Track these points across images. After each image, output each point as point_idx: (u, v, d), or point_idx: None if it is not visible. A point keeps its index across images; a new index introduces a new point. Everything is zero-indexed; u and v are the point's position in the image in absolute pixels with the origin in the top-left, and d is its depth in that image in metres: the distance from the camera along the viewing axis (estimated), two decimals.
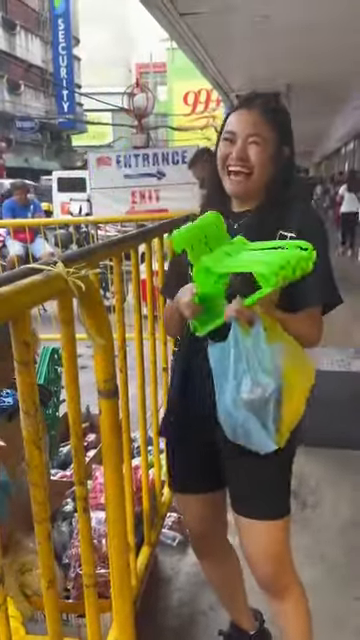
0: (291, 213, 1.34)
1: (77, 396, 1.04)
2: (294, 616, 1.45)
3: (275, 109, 1.34)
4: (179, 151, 4.96)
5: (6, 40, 23.45)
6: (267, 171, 1.32)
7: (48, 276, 0.85)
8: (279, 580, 1.42)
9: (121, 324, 1.52)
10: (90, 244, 5.72)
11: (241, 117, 1.31)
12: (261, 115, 1.31)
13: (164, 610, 1.88)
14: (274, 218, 1.33)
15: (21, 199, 6.13)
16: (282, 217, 1.33)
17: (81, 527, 1.07)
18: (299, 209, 1.36)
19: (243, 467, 1.34)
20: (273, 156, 1.31)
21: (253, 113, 1.30)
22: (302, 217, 1.33)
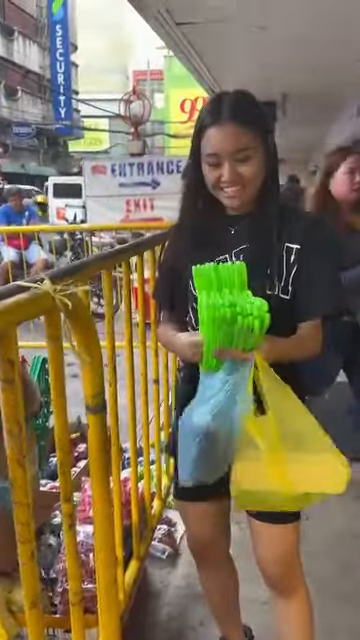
0: (296, 223, 1.30)
1: (64, 410, 1.03)
2: (298, 616, 1.46)
3: (245, 108, 1.25)
4: (174, 160, 4.98)
5: (4, 46, 23.50)
6: (259, 179, 1.28)
7: (35, 294, 0.85)
8: (287, 581, 1.44)
9: (111, 337, 1.51)
10: (84, 251, 5.72)
11: (218, 136, 1.22)
12: (236, 125, 1.22)
13: (153, 625, 1.86)
14: (275, 223, 1.28)
15: (16, 205, 6.14)
16: (286, 225, 1.28)
17: (67, 544, 1.07)
18: (305, 219, 1.34)
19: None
20: (263, 159, 1.26)
21: (228, 127, 1.21)
22: (308, 228, 1.30)
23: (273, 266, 1.26)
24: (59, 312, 0.94)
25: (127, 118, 10.92)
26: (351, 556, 2.17)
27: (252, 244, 1.29)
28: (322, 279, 1.27)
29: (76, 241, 5.86)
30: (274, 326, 1.17)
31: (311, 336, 1.30)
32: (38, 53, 26.50)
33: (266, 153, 1.27)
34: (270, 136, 1.29)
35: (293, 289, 1.27)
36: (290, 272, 1.27)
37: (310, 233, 1.28)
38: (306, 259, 1.27)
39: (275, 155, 1.30)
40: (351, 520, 2.39)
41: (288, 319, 1.28)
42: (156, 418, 2.46)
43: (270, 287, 1.25)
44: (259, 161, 1.25)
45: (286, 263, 1.27)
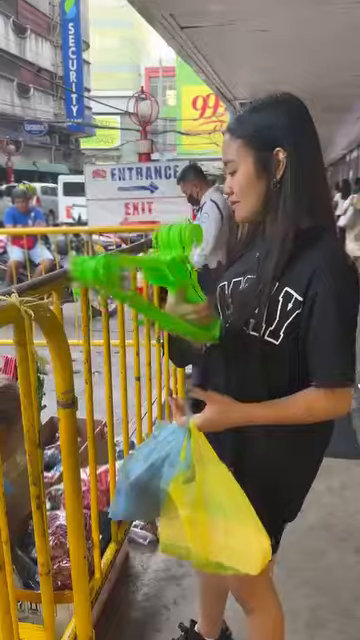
0: (305, 263, 1.13)
1: (33, 407, 1.18)
2: (256, 633, 1.50)
3: (243, 118, 1.20)
4: (171, 165, 5.15)
5: (17, 44, 23.73)
6: (254, 192, 1.19)
7: (1, 307, 1.00)
8: (247, 600, 1.47)
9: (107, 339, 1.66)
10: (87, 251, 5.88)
11: (223, 144, 1.23)
12: (228, 134, 1.20)
13: (130, 603, 2.02)
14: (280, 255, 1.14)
15: (22, 207, 6.33)
16: (295, 262, 1.14)
17: (35, 522, 1.22)
18: (315, 260, 1.12)
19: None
20: (253, 175, 1.17)
21: (225, 136, 1.20)
22: (315, 276, 1.11)
23: (262, 307, 1.16)
24: (28, 321, 1.09)
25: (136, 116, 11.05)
26: (319, 545, 2.32)
27: (255, 276, 1.21)
28: (326, 347, 1.12)
29: (80, 241, 6.03)
30: (255, 371, 1.18)
31: (319, 405, 1.15)
32: (50, 51, 26.70)
33: (260, 167, 1.17)
34: (273, 153, 1.16)
35: (285, 337, 1.15)
36: (285, 319, 1.14)
37: (316, 284, 1.11)
38: (307, 317, 1.12)
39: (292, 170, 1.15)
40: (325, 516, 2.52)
41: (275, 365, 1.18)
42: (149, 414, 2.61)
43: (254, 327, 1.17)
44: (247, 174, 1.18)
45: (282, 308, 1.14)
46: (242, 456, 1.27)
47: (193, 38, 6.15)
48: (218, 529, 1.16)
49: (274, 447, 1.24)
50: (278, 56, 6.72)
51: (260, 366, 1.20)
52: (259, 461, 1.27)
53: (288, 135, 1.16)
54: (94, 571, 1.75)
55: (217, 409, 1.18)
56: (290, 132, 1.16)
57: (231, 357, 1.25)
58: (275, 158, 1.16)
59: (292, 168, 1.16)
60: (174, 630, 1.85)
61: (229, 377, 1.26)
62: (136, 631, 1.90)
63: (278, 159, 1.16)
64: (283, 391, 1.18)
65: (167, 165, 5.22)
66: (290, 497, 1.33)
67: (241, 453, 1.27)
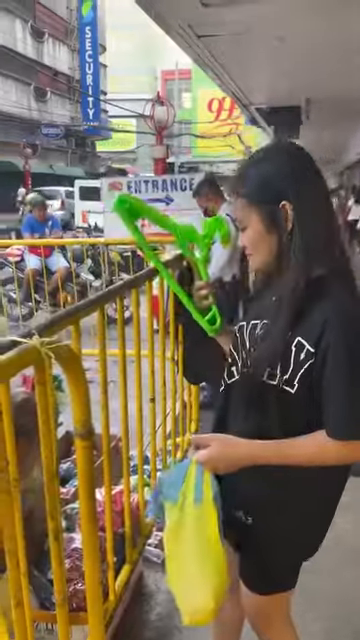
0: (317, 314, 1.13)
1: (51, 443, 1.21)
2: None
3: (243, 177, 1.23)
4: (187, 178, 5.18)
5: (34, 48, 23.95)
6: (265, 246, 1.22)
7: (22, 351, 1.03)
8: (264, 632, 1.48)
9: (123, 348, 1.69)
10: (103, 260, 5.94)
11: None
12: (234, 195, 1.25)
13: (144, 623, 2.05)
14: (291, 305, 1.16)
15: (40, 215, 6.41)
16: (306, 313, 1.15)
17: (53, 552, 1.25)
18: (326, 310, 1.12)
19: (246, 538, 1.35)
20: (262, 230, 1.20)
21: (231, 197, 1.28)
22: (327, 328, 1.11)
23: (276, 357, 1.17)
24: (46, 361, 1.12)
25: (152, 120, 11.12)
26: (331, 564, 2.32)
27: (268, 325, 1.24)
28: (336, 399, 1.12)
29: (95, 250, 6.09)
30: (272, 417, 1.20)
31: (332, 450, 1.13)
32: (67, 54, 26.92)
33: (268, 222, 1.19)
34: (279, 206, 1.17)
35: (300, 385, 1.15)
36: (298, 369, 1.15)
37: (328, 335, 1.11)
38: (319, 367, 1.13)
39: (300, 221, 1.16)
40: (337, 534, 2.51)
41: (292, 412, 1.19)
42: (163, 426, 2.64)
43: (270, 376, 1.18)
44: (256, 231, 1.21)
45: (295, 358, 1.15)
46: (251, 498, 1.28)
47: (210, 46, 6.17)
48: (183, 561, 1.20)
49: (283, 488, 1.25)
50: (294, 63, 6.72)
51: (277, 414, 1.20)
52: (269, 503, 1.28)
53: (292, 187, 1.16)
54: (108, 593, 1.77)
55: (220, 443, 1.20)
56: (294, 183, 1.17)
57: (249, 401, 1.27)
58: (282, 211, 1.17)
59: (300, 219, 1.17)
60: None
61: (246, 420, 1.27)
62: None
63: (285, 211, 1.17)
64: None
65: (183, 178, 5.25)
66: (305, 539, 1.34)
67: (250, 495, 1.28)
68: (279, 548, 1.29)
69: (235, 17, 4.76)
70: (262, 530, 1.26)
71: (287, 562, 1.34)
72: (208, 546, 1.17)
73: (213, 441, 1.20)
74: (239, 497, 1.27)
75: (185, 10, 4.59)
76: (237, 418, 1.30)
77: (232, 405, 1.33)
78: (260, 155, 1.24)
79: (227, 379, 1.36)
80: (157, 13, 4.82)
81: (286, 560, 1.33)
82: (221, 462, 1.18)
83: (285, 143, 1.25)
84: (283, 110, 9.78)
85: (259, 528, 1.27)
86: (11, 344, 1.07)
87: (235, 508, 1.27)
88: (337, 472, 1.27)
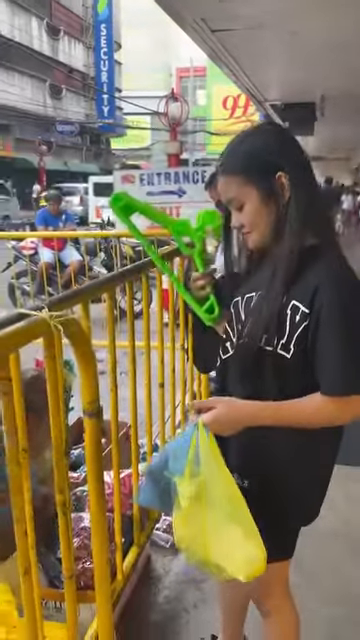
0: (311, 276, 1.17)
1: (60, 418, 1.23)
2: (274, 633, 1.53)
3: (233, 156, 1.24)
4: (199, 170, 5.17)
5: (50, 45, 24.11)
6: (264, 220, 1.24)
7: (31, 322, 1.05)
8: (262, 603, 1.52)
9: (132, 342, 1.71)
10: (115, 253, 5.97)
11: (219, 187, 1.28)
12: (224, 176, 1.25)
13: (151, 605, 2.06)
14: (286, 271, 1.20)
15: (54, 209, 6.47)
16: (301, 276, 1.18)
17: (61, 528, 1.27)
18: (319, 273, 1.17)
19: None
20: (261, 204, 1.22)
21: (220, 179, 1.26)
22: (320, 289, 1.15)
23: (272, 322, 1.20)
24: (56, 335, 1.14)
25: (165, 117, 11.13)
26: (336, 554, 2.32)
27: (262, 293, 1.26)
28: (331, 356, 1.15)
29: (108, 243, 6.12)
30: (269, 382, 1.23)
31: (327, 409, 1.17)
32: (83, 52, 27.05)
33: (265, 195, 1.21)
34: (274, 178, 1.20)
35: (296, 349, 1.19)
36: (294, 332, 1.18)
37: (321, 296, 1.15)
38: (313, 328, 1.16)
39: (295, 191, 1.20)
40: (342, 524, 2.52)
41: (290, 378, 1.22)
42: (172, 416, 2.66)
43: (267, 341, 1.21)
44: (255, 206, 1.23)
45: (290, 321, 1.18)
46: (246, 461, 1.31)
47: (224, 41, 6.17)
48: (213, 528, 1.19)
49: (277, 451, 1.28)
50: (309, 58, 6.70)
51: (274, 379, 1.24)
52: (263, 465, 1.30)
53: (283, 158, 1.21)
54: (116, 573, 1.79)
55: (224, 406, 1.22)
56: (284, 155, 1.21)
57: (246, 371, 1.29)
58: (278, 182, 1.20)
59: (295, 189, 1.20)
60: (193, 634, 1.89)
61: (245, 390, 1.29)
62: (156, 633, 1.94)
63: (281, 182, 1.20)
64: None
65: (195, 170, 5.25)
66: (298, 503, 1.35)
67: (245, 458, 1.31)
68: (276, 512, 1.30)
69: (249, 11, 4.75)
70: (258, 493, 1.28)
71: (284, 527, 1.36)
72: (239, 503, 1.17)
73: (217, 403, 1.23)
74: (234, 460, 1.30)
75: (200, 4, 4.59)
76: (235, 389, 1.32)
77: (229, 378, 1.36)
78: (245, 134, 1.26)
79: (222, 355, 1.38)
80: (172, 7, 4.83)
81: (283, 524, 1.35)
82: (226, 423, 1.21)
83: (265, 122, 1.31)
84: (297, 106, 9.74)
85: (255, 491, 1.28)
86: (20, 316, 1.09)
87: (231, 471, 1.27)
88: (333, 433, 1.29)
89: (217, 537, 1.19)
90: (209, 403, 1.24)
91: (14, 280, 6.07)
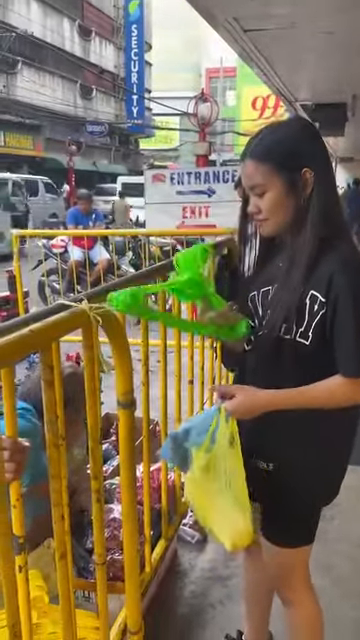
0: (325, 266, 1.23)
1: (96, 407, 1.26)
2: (299, 627, 1.56)
3: (265, 144, 1.27)
4: (229, 170, 5.19)
5: (81, 46, 24.36)
6: (283, 211, 1.28)
7: (72, 313, 1.07)
8: (284, 593, 1.55)
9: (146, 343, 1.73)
10: (143, 252, 6.01)
11: (242, 171, 1.32)
12: (253, 161, 1.27)
13: (178, 599, 2.08)
14: (305, 262, 1.25)
15: (85, 208, 6.57)
16: (318, 267, 1.24)
17: (94, 514, 1.30)
18: (333, 263, 1.23)
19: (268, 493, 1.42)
20: (282, 195, 1.27)
21: (247, 163, 1.29)
22: (334, 277, 1.21)
23: (292, 312, 1.25)
24: (94, 326, 1.17)
25: (195, 117, 11.15)
26: None
27: (280, 284, 1.31)
28: (347, 340, 1.22)
29: (137, 242, 6.17)
30: (287, 370, 1.30)
31: (341, 390, 1.24)
32: (113, 53, 27.26)
33: (289, 187, 1.26)
34: (300, 173, 1.25)
35: (314, 337, 1.25)
36: (312, 320, 1.24)
37: (336, 284, 1.21)
38: (331, 315, 1.22)
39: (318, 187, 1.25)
40: None
41: (308, 364, 1.27)
42: (200, 412, 2.67)
43: (286, 330, 1.27)
44: (277, 195, 1.27)
45: (309, 310, 1.25)
46: (269, 445, 1.37)
47: (256, 41, 6.14)
48: (213, 497, 1.33)
49: (298, 432, 1.34)
50: (343, 58, 6.62)
51: (293, 367, 1.29)
52: (285, 448, 1.36)
53: (312, 155, 1.27)
54: (145, 565, 1.82)
55: (245, 394, 1.29)
56: (313, 152, 1.27)
57: (266, 361, 1.35)
58: (303, 178, 1.26)
59: (318, 185, 1.26)
60: (219, 629, 1.90)
61: (264, 379, 1.34)
62: (182, 626, 1.96)
63: (306, 178, 1.26)
64: None
65: (225, 169, 5.27)
66: (322, 482, 1.40)
67: (267, 442, 1.37)
68: (300, 492, 1.37)
69: (282, 11, 4.73)
70: (283, 475, 1.35)
71: (308, 506, 1.42)
72: (239, 481, 1.29)
73: (238, 391, 1.30)
74: (258, 446, 1.36)
75: (232, 3, 4.59)
76: (255, 379, 1.37)
77: (248, 369, 1.42)
78: (277, 125, 1.31)
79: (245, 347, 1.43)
80: (204, 7, 4.84)
81: (307, 504, 1.41)
82: (247, 410, 1.29)
83: (296, 116, 1.37)
84: (328, 107, 9.65)
85: (280, 473, 1.36)
86: (61, 307, 1.12)
87: (255, 458, 1.37)
88: (350, 413, 1.34)
89: (216, 506, 1.33)
90: (232, 390, 1.32)
91: (44, 278, 6.16)
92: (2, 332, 0.97)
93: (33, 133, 21.29)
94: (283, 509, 1.42)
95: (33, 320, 1.03)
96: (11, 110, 19.79)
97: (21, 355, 1.00)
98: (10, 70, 19.74)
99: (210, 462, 1.31)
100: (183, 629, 1.95)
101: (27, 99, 20.24)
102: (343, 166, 22.11)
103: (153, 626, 1.90)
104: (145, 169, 6.41)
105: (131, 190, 15.21)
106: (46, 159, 21.51)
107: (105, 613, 1.37)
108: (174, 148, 32.78)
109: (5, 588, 1.00)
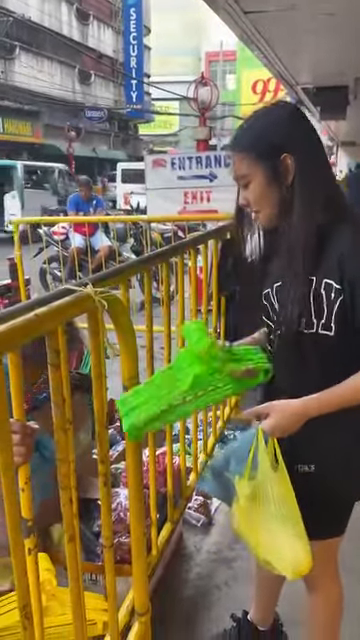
0: (333, 251, 1.20)
1: (102, 390, 1.26)
2: (318, 612, 1.55)
3: (246, 133, 1.26)
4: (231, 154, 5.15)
5: (79, 31, 24.07)
6: (269, 200, 1.26)
7: (78, 297, 1.07)
8: (310, 581, 1.52)
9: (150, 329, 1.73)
10: (145, 238, 5.99)
11: (233, 163, 1.30)
12: (235, 152, 1.27)
13: (184, 581, 2.11)
14: (307, 251, 1.21)
15: (85, 195, 6.54)
16: (325, 253, 1.21)
17: (102, 498, 1.31)
18: (340, 247, 1.20)
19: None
20: (264, 184, 1.24)
21: (232, 156, 1.28)
22: (343, 260, 1.18)
23: (306, 305, 1.22)
24: (99, 311, 1.16)
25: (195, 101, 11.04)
26: None
27: (286, 279, 1.27)
28: None
29: (138, 229, 6.14)
30: (313, 366, 1.26)
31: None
32: (112, 37, 26.93)
33: (270, 175, 1.23)
34: (280, 159, 1.22)
35: (337, 326, 1.21)
36: (332, 309, 1.20)
37: (347, 267, 1.18)
38: (349, 300, 1.18)
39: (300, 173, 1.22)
40: None
41: (334, 357, 1.24)
42: None
43: (307, 325, 1.23)
44: (259, 185, 1.25)
45: (327, 300, 1.21)
46: (307, 448, 1.33)
47: (256, 23, 6.05)
48: (265, 526, 1.27)
49: (334, 430, 1.29)
50: (344, 40, 6.52)
51: (320, 361, 1.25)
52: (324, 447, 1.34)
53: (291, 140, 1.22)
54: (151, 547, 1.84)
55: (279, 410, 1.23)
56: (292, 136, 1.23)
57: (289, 359, 1.31)
58: (283, 164, 1.22)
59: (300, 170, 1.22)
60: (225, 610, 1.93)
61: (293, 379, 1.31)
62: (189, 607, 1.98)
63: (286, 164, 1.22)
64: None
65: (227, 154, 5.23)
66: (354, 475, 1.38)
67: (305, 445, 1.32)
68: (339, 487, 1.37)
69: None
70: (324, 474, 1.34)
71: (347, 502, 1.43)
72: (290, 506, 1.24)
73: (271, 410, 1.24)
74: (296, 450, 1.31)
75: None
76: (283, 380, 1.33)
77: (276, 369, 1.34)
78: (259, 113, 1.28)
79: (269, 347, 1.40)
80: None
81: (346, 499, 1.42)
82: (287, 426, 1.22)
83: (282, 103, 1.32)
84: (330, 90, 9.54)
85: (321, 473, 1.34)
86: (66, 291, 1.12)
87: (296, 463, 1.32)
88: None
89: (269, 535, 1.26)
90: (265, 409, 1.25)
91: (46, 265, 6.15)
92: (7, 317, 0.97)
93: (32, 119, 21.11)
94: (320, 506, 1.38)
95: (38, 305, 1.03)
96: (9, 96, 19.61)
97: (27, 339, 1.00)
98: (8, 55, 19.53)
99: (255, 490, 1.26)
100: (189, 610, 1.97)
101: (25, 85, 20.05)
102: (345, 150, 21.91)
103: (160, 608, 1.93)
104: (145, 154, 6.35)
105: (132, 177, 15.13)
106: (45, 145, 21.35)
107: (113, 595, 1.39)
108: (174, 133, 32.53)
109: (15, 571, 1.01)
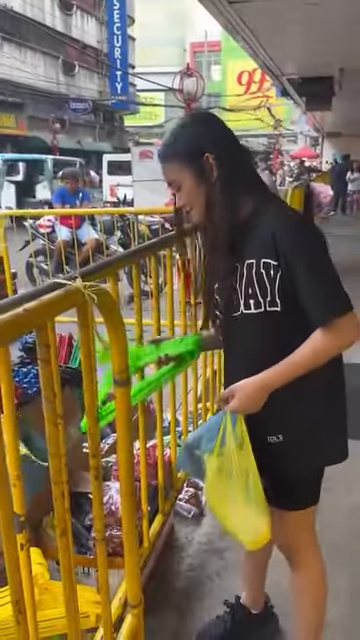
0: (263, 233, 1.31)
1: (92, 385, 1.26)
2: (301, 587, 1.59)
3: (169, 144, 1.40)
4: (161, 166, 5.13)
5: (62, 21, 23.76)
6: (199, 198, 1.37)
7: (67, 291, 1.07)
8: (292, 556, 1.59)
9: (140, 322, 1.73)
10: (132, 231, 5.96)
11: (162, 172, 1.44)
12: (164, 163, 1.41)
13: (176, 572, 2.12)
14: (231, 237, 1.34)
15: (71, 187, 6.48)
16: (257, 237, 1.32)
17: (93, 491, 1.31)
18: (270, 224, 1.31)
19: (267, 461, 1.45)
20: (194, 184, 1.36)
21: (161, 165, 1.42)
22: (276, 236, 1.29)
23: (247, 285, 1.33)
24: (89, 304, 1.16)
25: (180, 92, 11.00)
26: None
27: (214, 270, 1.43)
28: (311, 289, 1.28)
29: (125, 222, 6.11)
30: (271, 342, 1.36)
31: (321, 343, 1.28)
32: (96, 27, 26.63)
33: (197, 175, 1.35)
34: (202, 160, 1.33)
35: (283, 301, 1.31)
36: (274, 286, 1.30)
37: (280, 243, 1.28)
38: (286, 275, 1.28)
39: (221, 169, 1.34)
40: None
41: (289, 328, 1.32)
42: (194, 391, 2.69)
43: (256, 305, 1.33)
44: (190, 185, 1.37)
45: (267, 278, 1.30)
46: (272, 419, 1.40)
47: (241, 12, 6.04)
48: (230, 499, 1.39)
49: (295, 398, 1.38)
50: (329, 30, 6.54)
51: (275, 336, 1.35)
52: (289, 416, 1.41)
53: (208, 140, 1.36)
54: (143, 540, 1.84)
55: (240, 389, 1.35)
56: (208, 137, 1.36)
57: (245, 342, 1.41)
58: (207, 163, 1.35)
59: (221, 166, 1.35)
60: (217, 600, 1.94)
61: (248, 360, 1.39)
62: (181, 599, 2.00)
63: (210, 163, 1.35)
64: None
65: None
66: (321, 441, 1.44)
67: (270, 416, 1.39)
68: (311, 453, 1.44)
69: None
70: (292, 443, 1.41)
71: (315, 469, 1.49)
72: (254, 482, 1.35)
73: (234, 391, 1.35)
74: (263, 422, 1.39)
75: None
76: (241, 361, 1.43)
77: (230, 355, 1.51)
78: (179, 124, 1.43)
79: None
80: None
81: (315, 467, 1.49)
82: (250, 402, 1.34)
83: (196, 112, 1.48)
84: (315, 81, 9.56)
85: (289, 442, 1.41)
86: (55, 285, 1.11)
87: (266, 435, 1.41)
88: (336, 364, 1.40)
89: (233, 507, 1.39)
90: (228, 392, 1.37)
91: (32, 259, 6.10)
92: None
93: (16, 111, 20.84)
94: (291, 476, 1.47)
95: (27, 299, 1.02)
96: None
97: (16, 335, 0.99)
98: None
99: (223, 465, 1.37)
100: (182, 601, 1.99)
101: (7, 76, 19.77)
102: (330, 141, 21.93)
103: (152, 599, 1.94)
104: (132, 146, 6.30)
105: (118, 169, 15.02)
106: (29, 138, 21.09)
107: (106, 588, 1.39)
108: (160, 125, 32.33)
109: (8, 566, 1.01)
